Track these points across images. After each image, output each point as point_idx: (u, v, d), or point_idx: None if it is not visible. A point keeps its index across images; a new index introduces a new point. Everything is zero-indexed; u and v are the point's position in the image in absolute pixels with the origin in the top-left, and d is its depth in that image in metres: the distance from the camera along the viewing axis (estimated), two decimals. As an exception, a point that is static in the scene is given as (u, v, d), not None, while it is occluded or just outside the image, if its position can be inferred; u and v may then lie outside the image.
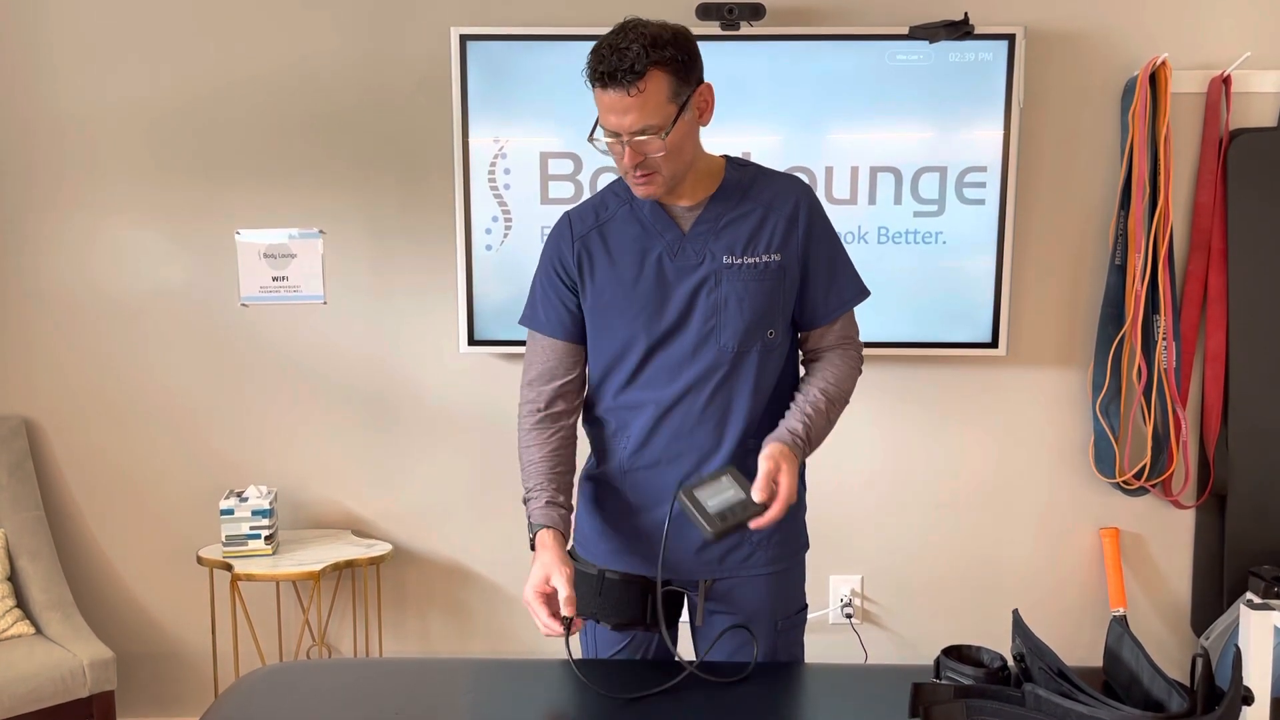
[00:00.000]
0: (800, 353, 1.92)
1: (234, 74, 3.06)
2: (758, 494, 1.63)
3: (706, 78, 1.74)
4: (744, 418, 1.79)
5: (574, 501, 1.89)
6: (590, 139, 1.74)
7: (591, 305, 1.84)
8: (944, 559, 3.24)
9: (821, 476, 1.87)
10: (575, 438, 1.89)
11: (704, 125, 1.75)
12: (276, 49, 3.05)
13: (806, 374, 1.89)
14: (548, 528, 1.75)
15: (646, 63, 1.61)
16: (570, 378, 1.88)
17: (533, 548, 1.76)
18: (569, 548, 1.94)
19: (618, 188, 1.85)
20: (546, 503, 1.79)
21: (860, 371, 1.89)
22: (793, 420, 1.77)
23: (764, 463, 1.67)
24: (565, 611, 1.68)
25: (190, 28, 3.04)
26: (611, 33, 1.64)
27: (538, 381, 1.87)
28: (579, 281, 1.84)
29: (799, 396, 1.82)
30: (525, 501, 1.82)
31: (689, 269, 1.77)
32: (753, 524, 1.63)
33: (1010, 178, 2.96)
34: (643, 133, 1.65)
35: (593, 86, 1.67)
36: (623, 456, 1.84)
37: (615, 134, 1.68)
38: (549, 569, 1.70)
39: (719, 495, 1.63)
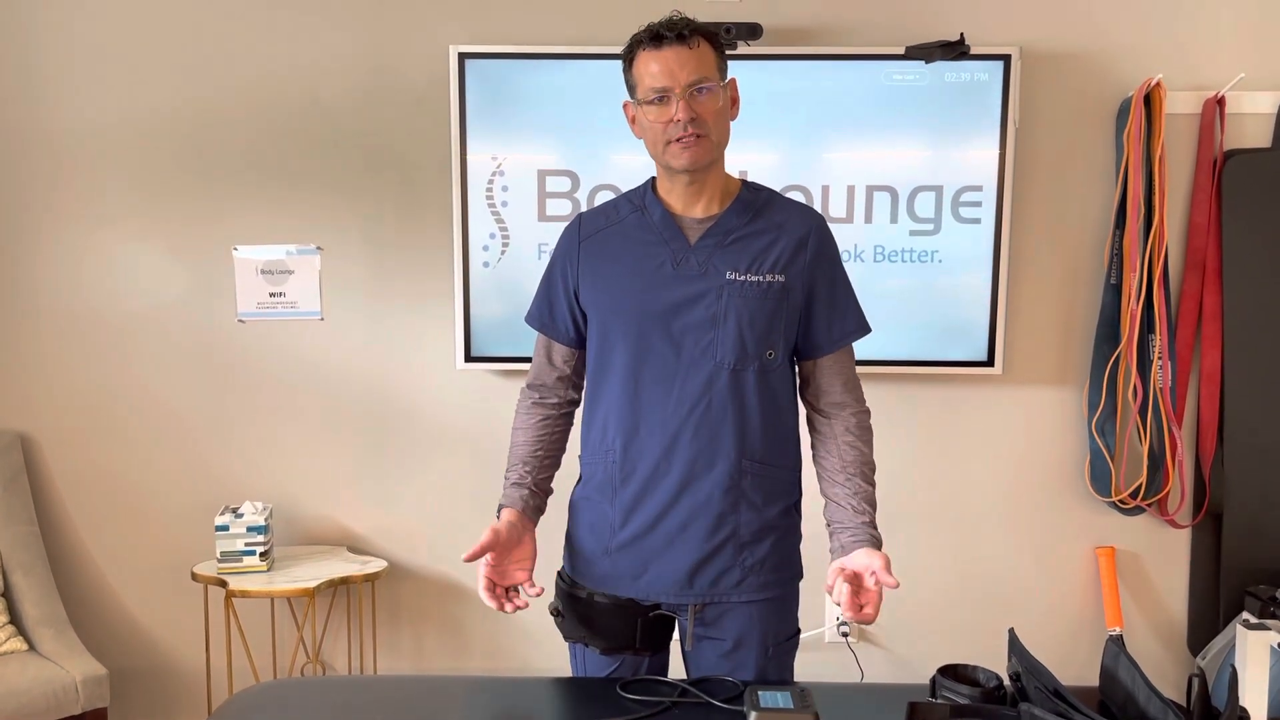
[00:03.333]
0: (801, 392, 1.89)
1: (233, 90, 3.07)
2: (850, 609, 1.63)
3: None
4: (740, 439, 1.77)
5: (547, 505, 1.94)
6: (635, 101, 1.76)
7: (591, 305, 1.84)
8: (940, 578, 3.23)
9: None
10: (564, 431, 1.95)
11: (734, 118, 1.79)
12: (276, 65, 3.06)
13: (832, 456, 1.83)
14: (505, 506, 1.85)
15: (699, 32, 1.70)
16: (559, 376, 1.93)
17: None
18: (560, 569, 1.95)
19: (633, 195, 1.86)
20: (514, 483, 1.88)
21: (872, 433, 1.88)
22: (859, 525, 1.77)
23: (867, 573, 1.68)
24: (467, 557, 1.76)
25: (189, 43, 3.05)
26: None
27: (533, 376, 1.94)
28: (580, 283, 1.84)
29: (845, 495, 1.80)
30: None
31: (691, 279, 1.76)
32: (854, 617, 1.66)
33: (1006, 197, 2.97)
34: (701, 81, 1.69)
35: (637, 54, 1.72)
36: (613, 471, 1.83)
37: (664, 93, 1.69)
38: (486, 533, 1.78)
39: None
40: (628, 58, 1.75)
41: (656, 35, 1.69)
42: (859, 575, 1.67)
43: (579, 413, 1.95)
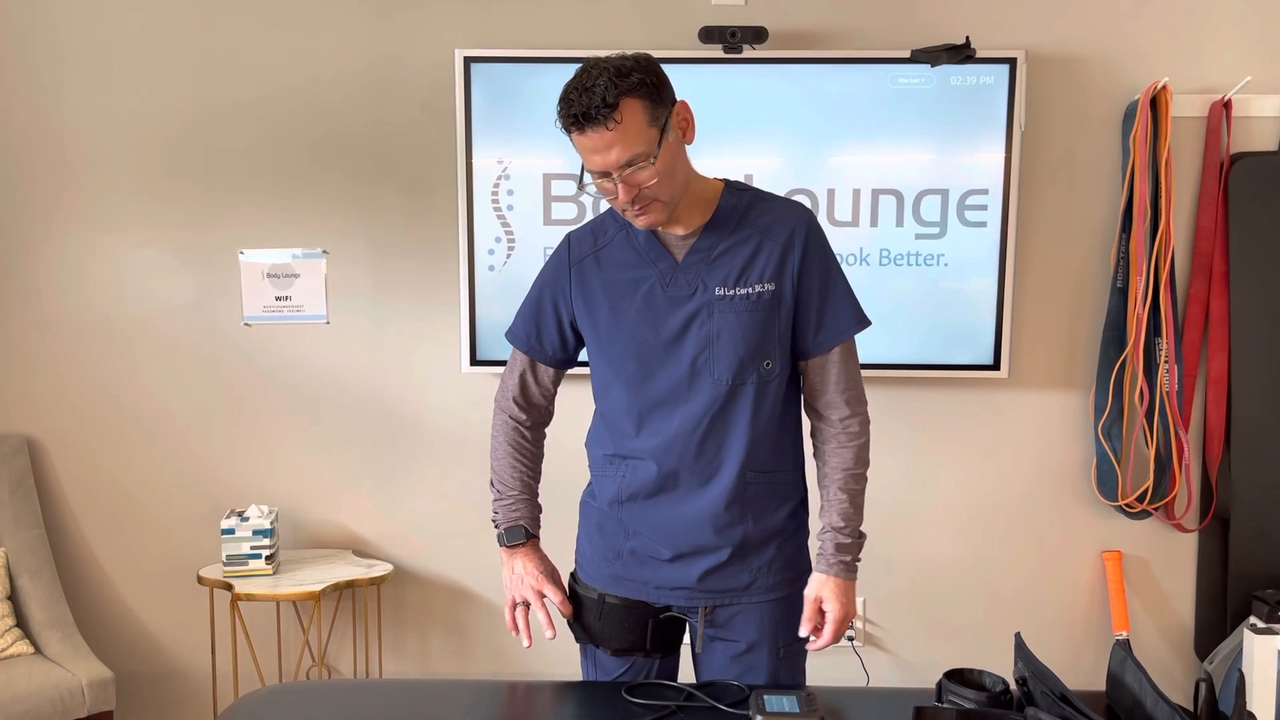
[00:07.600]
0: (802, 394, 1.88)
1: (238, 94, 3.08)
2: (805, 625, 1.79)
3: (708, 101, 1.74)
4: (742, 449, 1.77)
5: (553, 517, 1.97)
6: (580, 186, 1.75)
7: (588, 332, 1.85)
8: (946, 582, 3.23)
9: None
10: (542, 444, 1.98)
11: (689, 143, 1.73)
12: (281, 69, 3.07)
13: (819, 460, 1.86)
14: (524, 540, 1.89)
15: (617, 93, 1.58)
16: (544, 393, 1.94)
17: (503, 532, 1.89)
18: (571, 570, 1.95)
19: (618, 212, 1.85)
20: (520, 511, 1.90)
21: (868, 439, 1.85)
22: (827, 544, 1.82)
23: (807, 603, 1.81)
24: (565, 612, 1.89)
25: (194, 47, 3.06)
26: (574, 78, 1.63)
27: (513, 393, 1.94)
28: (574, 307, 1.85)
29: (825, 505, 1.84)
30: (494, 487, 1.93)
31: (681, 300, 1.76)
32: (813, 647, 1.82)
33: (1011, 200, 2.97)
34: (631, 163, 1.62)
35: (570, 133, 1.64)
36: (621, 486, 1.84)
37: (604, 173, 1.65)
38: (538, 581, 1.87)
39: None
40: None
41: (576, 118, 1.60)
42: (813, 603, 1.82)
43: (581, 424, 1.95)
